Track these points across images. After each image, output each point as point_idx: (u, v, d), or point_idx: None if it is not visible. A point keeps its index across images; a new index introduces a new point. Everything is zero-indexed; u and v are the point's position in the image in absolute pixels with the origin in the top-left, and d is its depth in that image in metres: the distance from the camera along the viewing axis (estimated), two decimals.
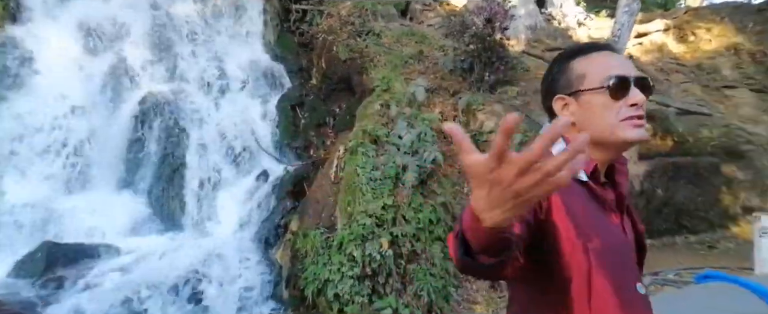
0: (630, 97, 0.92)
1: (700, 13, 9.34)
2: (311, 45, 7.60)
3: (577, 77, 0.97)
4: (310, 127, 6.22)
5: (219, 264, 4.09)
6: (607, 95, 0.92)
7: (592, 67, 0.96)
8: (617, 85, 0.92)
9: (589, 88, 0.94)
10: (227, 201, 4.89)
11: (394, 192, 4.23)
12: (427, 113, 5.50)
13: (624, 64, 0.97)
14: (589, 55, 0.98)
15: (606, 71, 0.93)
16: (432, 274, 3.99)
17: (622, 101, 0.92)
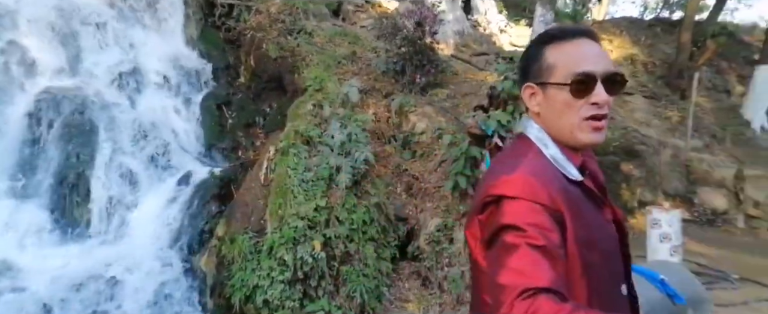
0: (593, 95, 0.87)
1: (603, 25, 10.38)
2: (239, 42, 7.26)
3: (547, 68, 0.92)
4: (238, 127, 5.93)
5: (134, 275, 3.73)
6: (569, 93, 0.88)
7: (562, 58, 0.90)
8: (580, 83, 0.87)
9: (554, 82, 0.90)
10: (144, 207, 4.49)
11: (327, 193, 4.16)
12: (361, 113, 5.50)
13: (596, 56, 0.90)
14: (563, 43, 0.91)
15: (573, 66, 0.88)
16: (365, 275, 3.98)
17: (584, 99, 0.88)
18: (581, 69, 0.88)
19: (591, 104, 0.88)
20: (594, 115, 0.88)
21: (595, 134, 0.90)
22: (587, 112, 0.88)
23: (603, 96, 0.88)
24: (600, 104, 0.88)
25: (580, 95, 0.88)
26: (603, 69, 0.89)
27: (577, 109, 0.88)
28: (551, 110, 0.91)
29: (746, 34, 11.95)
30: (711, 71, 10.19)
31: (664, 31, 10.82)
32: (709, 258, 5.31)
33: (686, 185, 7.78)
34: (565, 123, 0.90)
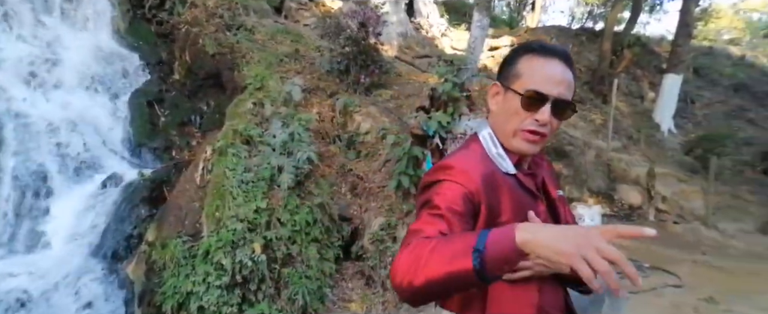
0: (538, 112, 0.95)
1: (535, 32, 11.06)
2: (172, 36, 6.86)
3: (514, 74, 0.99)
4: (172, 126, 5.60)
5: (48, 287, 3.39)
6: (521, 103, 0.96)
7: (528, 71, 0.98)
8: (532, 98, 0.95)
9: (514, 89, 0.98)
10: (62, 211, 4.09)
11: (268, 194, 4.04)
12: (304, 112, 5.41)
13: (556, 80, 0.96)
14: (536, 57, 0.98)
15: (532, 81, 0.96)
16: (307, 276, 3.92)
17: (530, 113, 0.96)
18: (537, 87, 0.95)
19: (534, 120, 0.96)
20: (533, 129, 0.97)
21: (528, 144, 0.99)
22: (528, 125, 0.97)
23: (545, 116, 0.95)
24: (541, 121, 0.96)
25: (529, 108, 0.96)
26: (557, 93, 0.96)
27: (521, 119, 0.97)
28: (503, 112, 1.00)
29: (656, 46, 13.29)
30: (628, 78, 11.22)
31: (589, 40, 11.76)
32: (626, 249, 5.83)
33: (608, 183, 8.49)
34: (508, 127, 0.99)
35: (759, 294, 4.51)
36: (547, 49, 1.00)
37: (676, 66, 10.33)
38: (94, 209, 4.09)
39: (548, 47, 1.01)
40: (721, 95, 12.63)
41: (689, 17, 10.36)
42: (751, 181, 9.52)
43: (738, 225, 7.97)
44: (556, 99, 0.95)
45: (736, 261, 5.88)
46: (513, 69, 1.00)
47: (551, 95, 0.95)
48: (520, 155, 1.02)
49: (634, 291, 4.35)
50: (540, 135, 0.98)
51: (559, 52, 1.00)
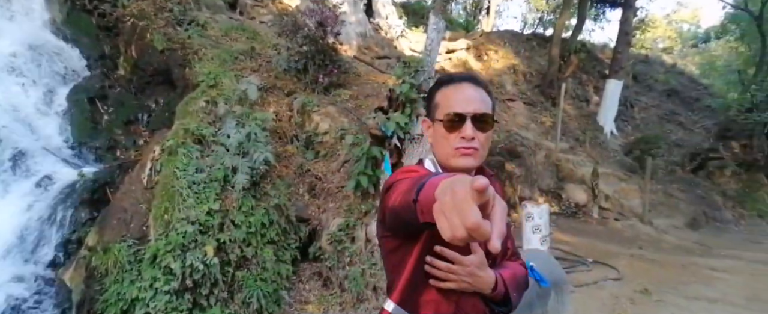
0: (461, 131, 1.06)
1: (490, 36, 11.43)
2: (117, 30, 6.47)
3: (434, 107, 1.12)
4: (117, 124, 5.29)
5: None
6: (444, 127, 1.08)
7: (443, 100, 1.10)
8: (451, 121, 1.07)
9: (437, 118, 1.10)
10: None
11: (221, 196, 3.92)
12: (261, 112, 5.28)
13: (468, 100, 1.08)
14: (448, 87, 1.12)
15: (449, 107, 1.08)
16: (263, 279, 3.84)
17: (456, 133, 1.06)
18: (453, 110, 1.08)
19: (461, 138, 1.06)
20: (462, 146, 1.07)
21: (464, 159, 1.07)
22: (457, 144, 1.07)
23: (468, 132, 1.06)
24: (466, 137, 1.06)
25: (452, 130, 1.08)
26: (473, 110, 1.07)
27: (450, 141, 1.08)
28: (436, 140, 1.12)
29: (600, 52, 14.15)
30: (575, 82, 11.86)
31: (539, 45, 12.32)
32: (572, 245, 6.17)
33: (556, 182, 8.93)
34: (443, 151, 1.10)
35: (686, 284, 4.92)
36: (455, 78, 1.14)
37: (617, 72, 11.04)
38: (27, 212, 3.78)
39: (456, 76, 1.15)
40: (656, 99, 13.64)
41: (628, 26, 11.11)
42: (681, 180, 10.35)
43: (670, 221, 8.65)
44: (473, 115, 1.07)
45: (667, 255, 6.38)
46: (433, 103, 1.14)
47: (467, 112, 1.07)
48: (464, 171, 1.10)
49: (578, 285, 4.61)
50: (472, 149, 1.07)
51: (466, 78, 1.14)
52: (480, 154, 1.09)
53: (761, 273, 5.58)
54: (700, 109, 13.77)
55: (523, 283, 1.19)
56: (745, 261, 6.10)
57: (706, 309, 4.12)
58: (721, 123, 12.46)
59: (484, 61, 10.81)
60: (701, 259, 6.18)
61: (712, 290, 4.73)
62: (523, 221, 4.01)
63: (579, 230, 7.35)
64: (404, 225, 0.93)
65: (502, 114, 9.56)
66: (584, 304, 4.14)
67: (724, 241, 7.85)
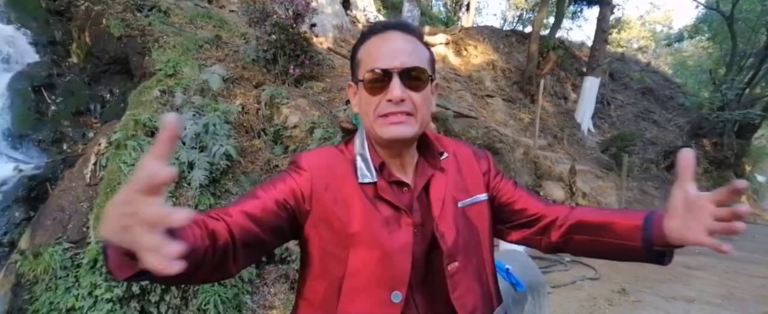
0: (388, 92, 0.82)
1: (469, 32, 11.27)
2: (69, 14, 6.00)
3: (357, 65, 0.89)
4: (64, 115, 4.85)
5: None
6: (366, 90, 0.85)
7: (365, 55, 0.86)
8: (374, 80, 0.83)
9: (359, 78, 0.87)
10: None
11: (175, 193, 3.58)
12: (225, 104, 4.94)
13: (395, 51, 0.83)
14: (371, 38, 0.87)
15: (370, 62, 0.84)
16: (221, 283, 3.53)
17: (381, 96, 0.83)
18: (376, 65, 0.83)
19: (387, 101, 0.83)
20: (390, 112, 0.83)
21: (394, 127, 0.83)
22: (384, 109, 0.83)
23: (396, 92, 0.81)
24: (394, 99, 0.82)
25: (376, 91, 0.84)
26: (400, 64, 0.82)
27: (374, 106, 0.84)
28: (361, 107, 0.88)
29: (577, 50, 14.22)
30: (553, 79, 11.84)
31: (518, 42, 12.25)
32: None
33: (534, 179, 8.85)
34: (368, 120, 0.87)
35: (663, 283, 4.85)
36: (380, 26, 0.89)
37: (594, 69, 11.05)
38: None
39: (380, 24, 0.90)
40: (632, 97, 13.80)
41: (605, 23, 11.14)
42: (656, 177, 10.46)
43: None
44: (401, 70, 0.82)
45: None
46: (355, 61, 0.90)
47: (393, 67, 0.82)
48: (389, 148, 0.88)
49: (556, 286, 4.46)
50: (403, 114, 0.83)
51: (392, 25, 0.89)
52: (417, 119, 0.84)
53: (734, 271, 5.58)
54: (673, 107, 14.00)
55: None
56: (718, 259, 6.11)
57: (684, 310, 4.03)
58: (693, 121, 12.68)
59: (464, 57, 10.65)
60: (676, 257, 6.13)
61: (688, 289, 4.66)
62: None
63: None
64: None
65: (481, 110, 9.42)
66: (561, 306, 3.99)
67: None
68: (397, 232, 0.83)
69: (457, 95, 9.27)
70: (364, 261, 0.81)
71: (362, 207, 0.83)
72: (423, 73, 0.84)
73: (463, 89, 9.61)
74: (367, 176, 0.86)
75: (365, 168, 0.87)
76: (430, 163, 0.92)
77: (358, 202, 0.84)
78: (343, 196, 0.84)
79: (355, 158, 0.88)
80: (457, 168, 0.94)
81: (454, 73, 9.92)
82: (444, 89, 9.05)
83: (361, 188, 0.85)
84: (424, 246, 0.86)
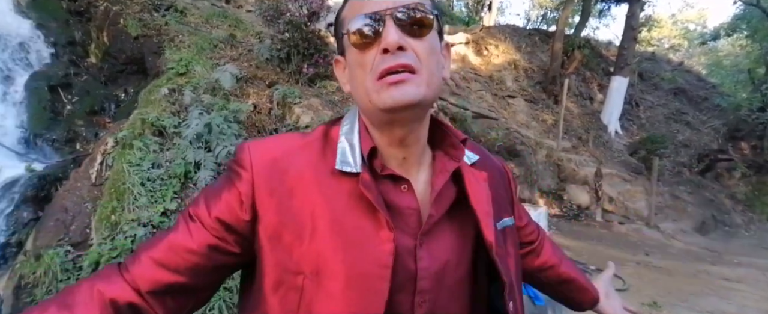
0: (382, 42, 0.61)
1: (490, 31, 10.98)
2: (88, 14, 6.06)
3: (340, 27, 0.69)
4: (79, 115, 4.87)
5: None
6: (356, 49, 0.64)
7: (350, 11, 0.66)
8: (359, 32, 0.62)
9: (344, 33, 0.66)
10: None
11: (180, 194, 3.49)
12: (237, 103, 4.87)
13: None
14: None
15: (357, 11, 0.64)
16: (227, 287, 3.41)
17: (373, 50, 0.62)
18: (362, 12, 0.63)
19: (382, 53, 0.62)
20: (389, 67, 0.61)
21: (395, 88, 0.61)
22: (380, 66, 0.61)
23: (392, 37, 0.61)
24: (391, 49, 0.61)
25: (365, 45, 0.63)
26: (391, 4, 0.62)
27: (369, 66, 0.63)
28: (352, 75, 0.67)
29: (604, 49, 13.69)
30: (578, 80, 11.42)
31: (541, 41, 11.87)
32: (573, 251, 5.74)
33: (557, 183, 8.50)
34: (361, 90, 0.65)
35: (699, 296, 4.49)
36: None
37: (622, 69, 10.58)
38: None
39: None
40: (663, 98, 13.19)
41: (634, 21, 10.65)
42: (689, 182, 9.91)
43: (677, 225, 8.22)
44: (393, 11, 0.62)
45: (676, 262, 5.95)
46: (339, 25, 0.70)
47: (384, 9, 0.62)
48: (390, 126, 0.66)
49: None
50: (405, 70, 0.61)
51: None
52: (423, 77, 0.62)
53: None
54: (708, 108, 13.31)
55: None
56: (760, 270, 5.66)
57: None
58: (730, 123, 12.00)
59: (484, 56, 10.37)
60: (713, 267, 5.74)
61: (728, 304, 4.30)
62: None
63: (581, 233, 6.93)
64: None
65: (501, 111, 9.13)
66: None
67: (735, 247, 7.42)
68: (377, 245, 0.61)
69: (476, 95, 9.01)
70: (327, 292, 0.60)
71: (329, 211, 0.62)
72: (425, 14, 0.63)
73: (483, 89, 9.34)
74: (348, 165, 0.65)
75: (349, 154, 0.66)
76: (451, 155, 0.70)
77: (323, 205, 0.63)
78: (300, 198, 0.64)
79: (339, 141, 0.68)
80: (489, 178, 0.73)
81: (474, 73, 9.66)
82: (463, 89, 8.80)
83: (334, 179, 0.64)
84: (458, 254, 0.67)
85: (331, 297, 0.60)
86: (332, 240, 0.61)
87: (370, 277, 0.60)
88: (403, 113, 0.63)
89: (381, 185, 0.65)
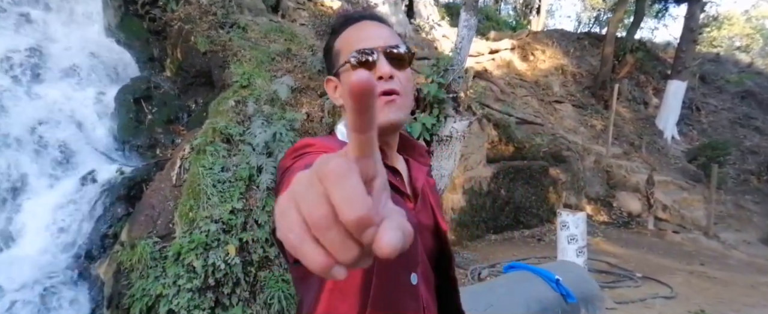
0: (376, 70, 0.83)
1: (537, 36, 10.88)
2: (165, 33, 6.80)
3: (335, 56, 0.91)
4: (159, 123, 5.53)
5: (16, 284, 3.31)
6: (353, 71, 0.84)
7: (345, 43, 0.88)
8: (357, 62, 0.84)
9: (342, 66, 0.88)
10: (37, 208, 4.01)
11: (246, 195, 3.94)
12: (292, 112, 5.31)
13: (375, 35, 0.87)
14: (346, 29, 0.90)
15: (350, 46, 0.86)
16: (285, 280, 3.81)
17: None
18: (358, 47, 0.85)
19: (378, 80, 0.84)
20: (383, 90, 0.83)
21: (386, 108, 0.84)
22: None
23: (385, 69, 0.84)
24: (384, 75, 0.83)
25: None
26: (383, 43, 0.86)
27: None
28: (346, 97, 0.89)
29: (661, 51, 13.07)
30: (631, 84, 11.02)
31: (591, 45, 11.57)
32: (619, 258, 5.66)
33: (606, 190, 8.31)
34: None
35: (752, 307, 4.33)
36: (350, 17, 0.92)
37: (680, 72, 10.12)
38: (70, 207, 4.01)
39: (350, 15, 0.92)
40: (728, 102, 12.38)
41: (694, 22, 10.16)
42: (756, 191, 9.29)
43: (740, 236, 7.77)
44: (385, 48, 0.85)
45: (734, 273, 5.69)
46: (332, 55, 0.92)
47: (378, 46, 0.85)
48: (379, 135, 0.88)
49: (622, 301, 4.19)
50: (393, 93, 0.84)
51: (364, 15, 0.92)
52: (403, 101, 0.85)
53: None
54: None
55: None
56: None
57: None
58: None
59: (530, 62, 10.31)
60: (764, 277, 5.45)
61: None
62: (558, 231, 3.69)
63: (630, 241, 6.77)
64: None
65: (548, 117, 9.06)
66: None
67: None
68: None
69: (522, 100, 9.01)
70: None
71: None
72: (405, 54, 0.87)
73: (529, 94, 9.31)
74: None
75: None
76: (421, 162, 0.95)
77: None
78: None
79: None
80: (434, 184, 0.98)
81: (519, 78, 9.65)
82: (508, 95, 8.84)
83: None
84: (427, 242, 0.89)
85: None
86: None
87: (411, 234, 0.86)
88: (387, 128, 0.86)
89: (392, 175, 0.86)
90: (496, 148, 7.14)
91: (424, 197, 0.91)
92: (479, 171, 6.62)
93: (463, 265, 5.26)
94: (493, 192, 6.77)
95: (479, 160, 6.69)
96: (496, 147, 7.15)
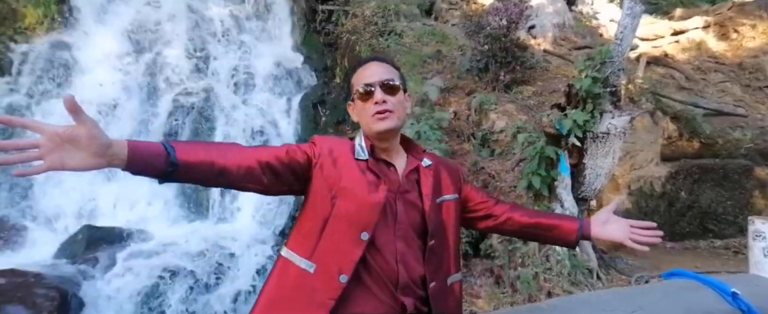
0: (373, 97, 1.22)
1: (745, 8, 8.76)
2: (336, 45, 7.89)
3: (352, 87, 1.32)
4: (330, 124, 6.51)
5: (235, 252, 4.45)
6: (360, 100, 1.26)
7: (355, 80, 1.30)
8: (363, 92, 1.25)
9: (354, 96, 1.30)
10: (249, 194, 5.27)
11: None
12: (441, 111, 5.62)
13: (374, 73, 1.26)
14: (357, 70, 1.32)
15: (360, 82, 1.27)
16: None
17: (370, 102, 1.24)
18: (363, 82, 1.26)
19: (374, 104, 1.22)
20: (377, 111, 1.22)
21: (381, 121, 1.22)
22: (373, 110, 1.23)
23: (379, 95, 1.22)
24: (378, 101, 1.22)
25: (366, 99, 1.25)
26: (378, 78, 1.25)
27: (367, 109, 1.25)
28: (359, 115, 1.30)
29: None
30: None
31: None
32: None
33: None
34: (365, 121, 1.27)
35: None
36: (362, 61, 1.34)
37: None
38: None
39: (362, 60, 1.34)
40: None
41: None
42: None
43: None
44: (380, 82, 1.24)
45: None
46: (350, 86, 1.32)
47: (374, 82, 1.24)
48: (380, 139, 1.24)
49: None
50: (387, 111, 1.22)
51: (370, 59, 1.34)
52: (396, 115, 1.23)
53: None
54: None
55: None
56: None
57: None
58: None
59: (732, 40, 8.42)
60: None
61: None
62: (750, 241, 3.06)
63: None
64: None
65: (755, 106, 7.30)
66: None
67: None
68: (374, 193, 1.17)
69: (716, 87, 7.46)
70: (346, 208, 1.15)
71: (353, 172, 1.20)
72: (395, 85, 1.25)
73: (728, 80, 7.64)
74: (362, 155, 1.23)
75: (361, 150, 1.24)
76: (416, 157, 1.31)
77: (350, 169, 1.20)
78: (340, 163, 1.21)
79: (355, 145, 1.26)
80: (437, 173, 1.30)
81: (713, 61, 8.00)
82: (696, 82, 7.45)
83: (355, 162, 1.23)
84: (413, 217, 1.21)
85: (349, 212, 1.15)
86: (351, 186, 1.17)
87: (368, 208, 1.16)
88: (386, 134, 1.24)
89: (379, 166, 1.24)
90: (674, 144, 6.16)
91: (414, 182, 1.26)
92: (650, 170, 5.83)
93: (626, 272, 4.79)
94: (670, 194, 5.89)
95: (650, 158, 5.90)
96: (675, 143, 6.16)
